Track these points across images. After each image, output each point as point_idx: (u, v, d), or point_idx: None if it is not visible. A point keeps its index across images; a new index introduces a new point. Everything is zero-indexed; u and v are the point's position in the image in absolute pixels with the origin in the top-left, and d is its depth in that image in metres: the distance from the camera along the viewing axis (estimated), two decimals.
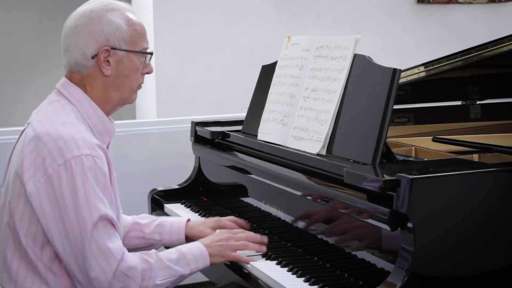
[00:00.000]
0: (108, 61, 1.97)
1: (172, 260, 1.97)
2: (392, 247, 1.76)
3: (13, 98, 6.77)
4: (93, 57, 1.96)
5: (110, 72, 1.98)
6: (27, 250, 1.88)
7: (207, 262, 2.04)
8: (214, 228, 2.28)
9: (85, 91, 1.99)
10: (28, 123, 1.97)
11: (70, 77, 2.00)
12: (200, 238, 2.18)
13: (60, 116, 1.93)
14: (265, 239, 2.14)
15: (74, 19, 1.98)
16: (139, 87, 2.06)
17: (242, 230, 2.20)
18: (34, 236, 1.87)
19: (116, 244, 1.87)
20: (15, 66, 6.89)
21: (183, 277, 1.99)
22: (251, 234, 2.16)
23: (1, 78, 6.88)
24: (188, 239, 2.27)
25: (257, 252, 2.11)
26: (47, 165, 1.84)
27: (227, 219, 2.33)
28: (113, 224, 1.88)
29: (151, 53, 2.05)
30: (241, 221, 2.34)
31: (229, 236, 2.12)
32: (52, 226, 1.84)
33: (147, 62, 2.05)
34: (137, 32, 2.01)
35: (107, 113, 2.03)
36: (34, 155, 1.86)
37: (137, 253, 1.94)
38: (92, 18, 1.96)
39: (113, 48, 1.96)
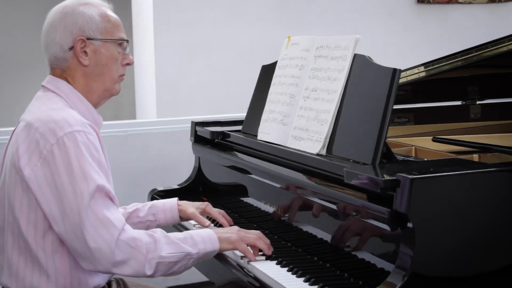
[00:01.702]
0: (85, 51, 2.02)
1: (179, 238, 1.98)
2: (392, 247, 1.76)
3: (13, 98, 6.77)
4: (70, 49, 2.01)
5: (88, 62, 2.02)
6: (28, 239, 1.89)
7: (216, 245, 2.02)
8: (200, 210, 2.40)
9: (69, 84, 2.03)
10: (19, 122, 2.01)
11: (53, 73, 2.06)
12: (185, 216, 2.38)
13: (49, 104, 1.97)
14: (270, 251, 2.12)
15: (50, 17, 2.05)
16: (121, 78, 2.10)
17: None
18: (35, 223, 1.89)
19: (115, 214, 1.88)
20: (15, 66, 6.89)
21: (191, 256, 1.96)
22: (262, 234, 2.16)
23: (1, 78, 6.88)
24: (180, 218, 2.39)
25: (264, 251, 2.10)
26: (41, 147, 1.87)
27: (216, 210, 2.43)
28: (110, 198, 1.89)
29: (127, 40, 2.09)
30: (228, 217, 2.43)
31: (239, 229, 2.13)
32: (52, 206, 1.85)
33: (125, 52, 2.09)
34: (111, 23, 2.05)
35: (93, 105, 2.06)
36: (28, 141, 1.89)
37: (141, 230, 1.95)
38: (66, 12, 2.02)
39: (88, 39, 2.01)
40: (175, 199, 2.43)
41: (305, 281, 1.91)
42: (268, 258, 2.10)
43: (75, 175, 1.84)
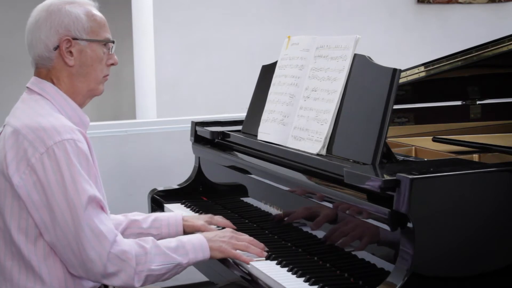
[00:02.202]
0: (70, 51, 1.99)
1: (170, 248, 1.98)
2: (392, 247, 1.76)
3: (13, 98, 6.77)
4: (55, 49, 1.99)
5: (73, 62, 2.00)
6: (19, 246, 1.88)
7: (206, 254, 2.04)
8: (207, 222, 2.38)
9: (54, 84, 2.01)
10: (5, 125, 1.98)
11: (38, 73, 2.03)
12: (194, 230, 2.31)
13: (36, 109, 1.95)
14: (265, 253, 2.13)
15: (35, 14, 2.01)
16: (105, 78, 2.08)
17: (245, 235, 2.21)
18: (26, 230, 1.88)
19: (107, 225, 1.88)
20: (15, 66, 6.88)
21: (181, 265, 1.99)
22: (254, 239, 2.17)
23: (1, 78, 6.88)
24: (184, 231, 2.35)
25: (257, 256, 2.10)
26: (29, 155, 1.85)
27: (219, 217, 2.43)
28: (101, 207, 1.89)
29: (113, 41, 2.07)
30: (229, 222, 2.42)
31: (232, 235, 2.14)
32: (43, 215, 1.85)
33: (110, 52, 2.07)
34: (97, 23, 2.03)
35: (78, 105, 2.04)
36: (15, 148, 1.87)
37: (134, 239, 1.94)
38: (52, 10, 1.99)
39: (74, 39, 1.99)
40: (180, 213, 2.41)
41: (305, 281, 1.91)
42: (268, 258, 2.10)
43: (67, 186, 1.84)
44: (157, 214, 2.38)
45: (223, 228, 2.36)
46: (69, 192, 1.83)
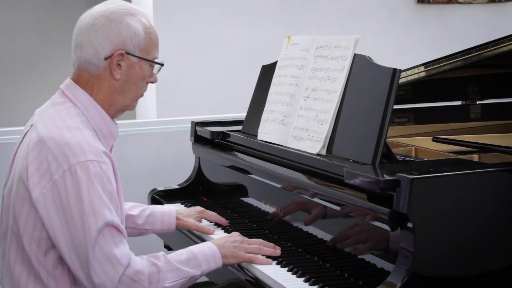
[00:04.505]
0: (120, 64, 1.95)
1: (181, 261, 1.96)
2: (392, 247, 1.76)
3: (13, 98, 6.77)
4: (106, 58, 1.94)
5: (120, 76, 1.95)
6: (30, 255, 1.86)
7: (219, 263, 2.03)
8: (199, 220, 2.47)
9: (91, 92, 1.96)
10: (32, 125, 1.94)
11: (78, 75, 1.97)
12: (185, 228, 2.43)
13: (65, 120, 1.90)
14: (278, 250, 2.13)
15: (93, 17, 1.95)
16: (142, 95, 2.06)
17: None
18: (38, 241, 1.85)
19: (122, 249, 1.84)
20: (15, 66, 6.88)
21: (194, 278, 1.98)
22: (264, 241, 2.16)
23: (1, 78, 6.87)
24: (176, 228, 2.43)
25: (272, 255, 2.09)
26: (53, 171, 1.81)
27: (211, 212, 2.50)
28: (119, 230, 1.86)
29: (162, 64, 2.05)
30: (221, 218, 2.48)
31: (242, 239, 2.12)
32: (58, 232, 1.82)
33: (154, 72, 2.05)
34: (152, 41, 2.01)
35: (110, 117, 2.00)
36: (39, 160, 1.83)
37: (145, 256, 1.92)
38: (112, 19, 1.93)
39: (127, 53, 1.95)
40: (174, 210, 2.42)
41: (305, 281, 1.91)
42: (269, 258, 2.10)
43: (85, 208, 1.80)
44: (152, 209, 2.40)
45: (217, 225, 2.42)
46: (86, 215, 1.80)
